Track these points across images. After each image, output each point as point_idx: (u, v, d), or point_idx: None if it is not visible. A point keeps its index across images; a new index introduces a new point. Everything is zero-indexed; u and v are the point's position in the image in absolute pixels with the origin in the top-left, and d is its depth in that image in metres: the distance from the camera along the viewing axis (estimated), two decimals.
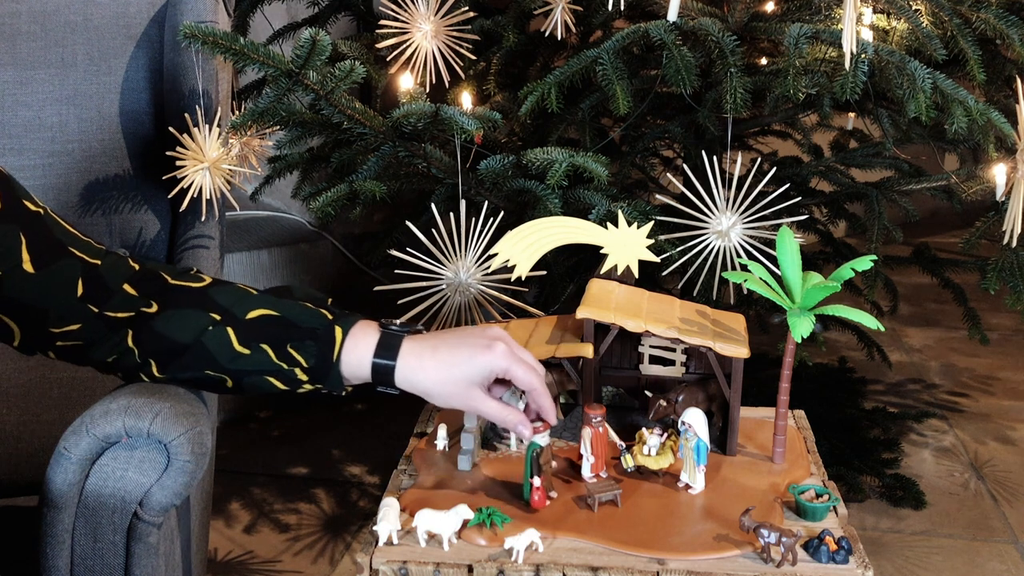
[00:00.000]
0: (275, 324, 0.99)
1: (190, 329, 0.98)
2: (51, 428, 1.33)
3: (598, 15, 1.73)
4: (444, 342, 1.01)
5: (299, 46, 1.29)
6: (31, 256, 0.92)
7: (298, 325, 0.99)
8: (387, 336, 1.01)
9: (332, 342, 0.99)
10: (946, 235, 3.06)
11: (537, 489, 1.05)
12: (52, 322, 0.96)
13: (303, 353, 0.99)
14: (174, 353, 0.99)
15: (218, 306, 0.99)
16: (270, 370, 0.99)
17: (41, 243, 0.94)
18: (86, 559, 1.00)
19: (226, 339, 0.98)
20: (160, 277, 1.01)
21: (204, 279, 1.03)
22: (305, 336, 0.99)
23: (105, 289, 0.97)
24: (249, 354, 0.98)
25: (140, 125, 1.42)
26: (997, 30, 1.46)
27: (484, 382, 1.01)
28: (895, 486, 2.06)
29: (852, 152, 2.04)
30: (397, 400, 1.19)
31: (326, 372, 0.99)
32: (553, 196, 1.45)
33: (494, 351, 1.00)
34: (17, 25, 1.40)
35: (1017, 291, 1.69)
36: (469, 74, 1.76)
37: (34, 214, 0.95)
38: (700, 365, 1.21)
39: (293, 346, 0.98)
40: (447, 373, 1.00)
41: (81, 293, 0.96)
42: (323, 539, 1.94)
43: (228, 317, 0.99)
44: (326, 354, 0.99)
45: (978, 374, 2.74)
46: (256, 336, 0.98)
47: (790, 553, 0.96)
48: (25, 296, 0.93)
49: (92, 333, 0.98)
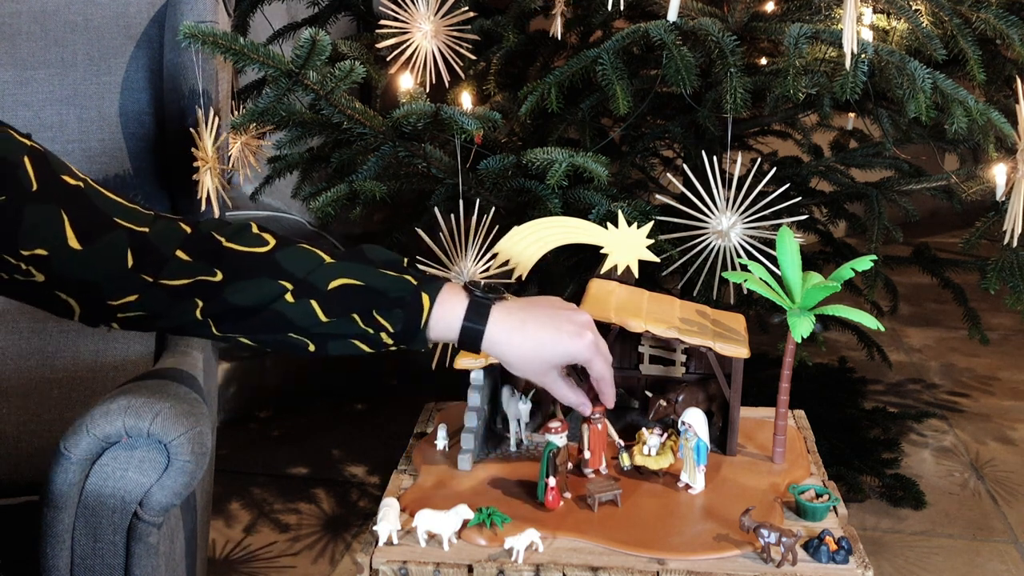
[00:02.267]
0: (360, 293, 0.98)
1: (265, 298, 0.96)
2: (51, 428, 1.33)
3: (598, 15, 1.73)
4: (534, 317, 1.02)
5: (299, 46, 1.29)
6: (76, 232, 0.91)
7: (385, 293, 0.98)
8: (476, 303, 1.01)
9: (420, 309, 0.99)
10: (946, 235, 3.06)
11: (552, 489, 1.05)
12: (108, 295, 0.94)
13: (391, 320, 0.98)
14: (244, 316, 0.96)
15: (291, 275, 0.96)
16: (356, 334, 0.99)
17: (85, 218, 0.92)
18: (86, 559, 1.00)
19: (310, 310, 0.96)
20: (213, 239, 0.97)
21: (268, 241, 0.99)
22: (393, 304, 0.98)
23: (158, 256, 0.94)
24: (335, 321, 0.97)
25: (140, 125, 1.42)
26: (997, 30, 1.46)
27: (564, 365, 1.04)
28: (895, 486, 2.06)
29: (852, 152, 2.03)
30: (397, 400, 1.19)
31: (413, 336, 1.00)
32: (553, 196, 1.45)
33: (583, 340, 1.02)
34: (17, 25, 1.40)
35: (1017, 291, 1.68)
36: (469, 74, 1.76)
37: (74, 188, 0.92)
38: (700, 365, 1.21)
39: (380, 313, 0.98)
40: (533, 352, 1.01)
41: (132, 264, 0.93)
42: (323, 539, 1.94)
43: (307, 287, 0.96)
44: (414, 320, 0.99)
45: (978, 374, 2.74)
46: (342, 307, 0.97)
47: (790, 553, 0.96)
48: (76, 273, 0.91)
49: (152, 303, 0.95)
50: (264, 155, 1.55)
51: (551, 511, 1.05)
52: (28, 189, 0.89)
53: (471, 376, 1.18)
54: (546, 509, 1.05)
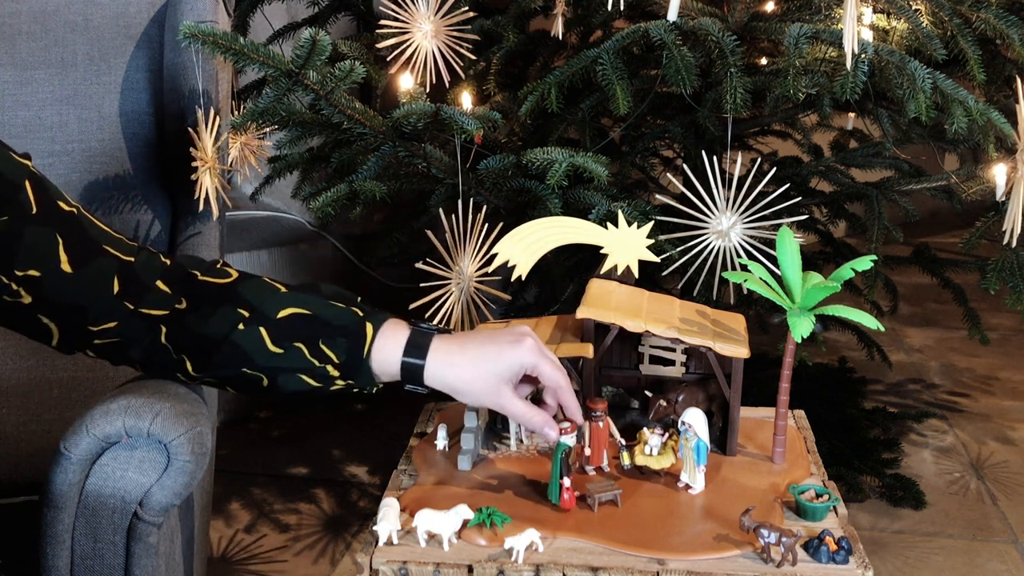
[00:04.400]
0: (307, 322, 1.00)
1: (222, 326, 0.98)
2: (51, 428, 1.33)
3: (598, 15, 1.73)
4: (473, 340, 1.02)
5: (299, 46, 1.29)
6: (68, 256, 0.94)
7: (330, 322, 1.00)
8: (417, 334, 1.01)
9: (363, 338, 0.99)
10: (946, 235, 3.06)
11: (567, 489, 1.05)
12: (91, 320, 0.97)
13: (334, 349, 0.99)
14: (207, 351, 0.99)
15: (246, 302, 0.99)
16: (303, 367, 0.99)
17: (77, 243, 0.95)
18: (86, 559, 1.00)
19: (259, 337, 0.98)
20: (190, 274, 1.01)
21: (231, 273, 1.03)
22: (336, 333, 0.99)
23: (141, 286, 0.98)
24: (283, 353, 0.99)
25: (140, 125, 1.42)
26: (997, 30, 1.46)
27: (513, 378, 1.02)
28: (895, 486, 2.06)
29: (852, 152, 2.03)
30: (397, 400, 1.19)
31: (357, 368, 1.00)
32: (553, 196, 1.45)
33: (523, 346, 1.01)
34: (17, 25, 1.40)
35: (1017, 291, 1.68)
36: (469, 74, 1.76)
37: (68, 214, 0.96)
38: (700, 365, 1.20)
39: (325, 343, 0.99)
40: (476, 370, 1.00)
41: (117, 290, 0.96)
42: (323, 539, 1.94)
43: (258, 315, 0.99)
44: (357, 350, 0.99)
45: (978, 374, 2.74)
46: (289, 335, 0.99)
47: (790, 553, 0.96)
48: (65, 296, 0.94)
49: (129, 331, 0.98)
50: (264, 155, 1.55)
51: (556, 512, 1.05)
52: (29, 212, 0.92)
53: None
54: (560, 509, 1.05)
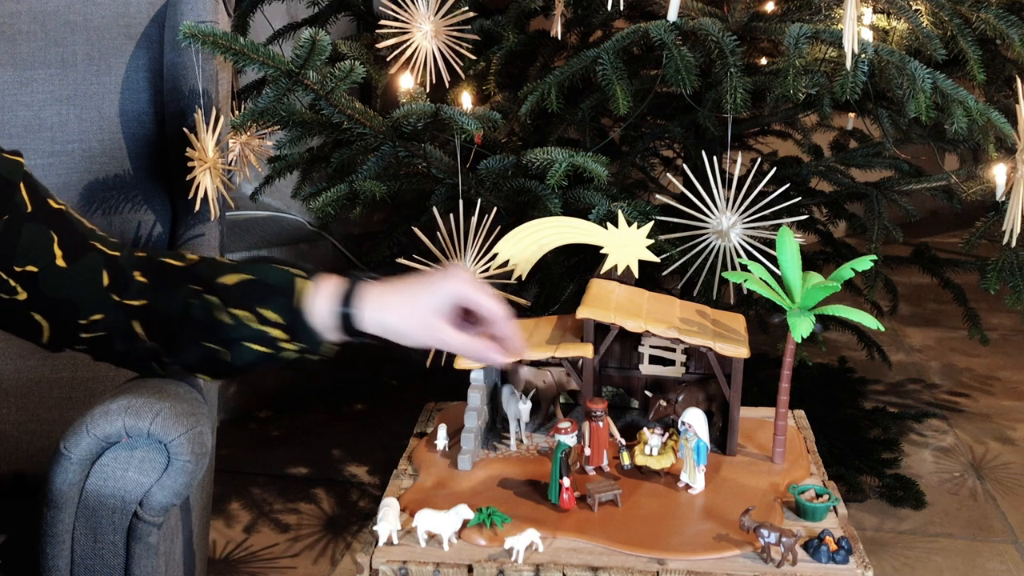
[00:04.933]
0: (248, 286, 1.00)
1: (179, 302, 1.00)
2: (51, 428, 1.33)
3: (598, 15, 1.73)
4: (405, 282, 1.01)
5: (299, 46, 1.29)
6: (62, 251, 0.97)
7: (269, 284, 1.00)
8: (349, 283, 1.00)
9: (295, 292, 0.99)
10: (946, 235, 3.06)
11: (567, 489, 1.05)
12: (81, 314, 0.99)
13: (273, 309, 0.99)
14: (172, 331, 1.00)
15: (197, 277, 1.01)
16: (252, 335, 0.99)
17: (69, 238, 0.98)
18: (86, 559, 1.00)
19: (209, 308, 0.99)
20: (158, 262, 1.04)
21: (192, 258, 1.05)
22: (273, 293, 0.99)
23: (125, 277, 1.01)
24: (233, 324, 0.99)
25: (140, 125, 1.42)
26: (997, 30, 1.46)
27: (448, 311, 0.99)
28: (895, 486, 2.06)
29: (852, 152, 2.03)
30: (397, 400, 1.18)
31: (299, 327, 0.99)
32: (553, 196, 1.45)
33: (455, 278, 0.99)
34: (17, 25, 1.40)
35: (1017, 291, 1.68)
36: (469, 74, 1.75)
37: (58, 211, 0.99)
38: (700, 365, 1.21)
39: (262, 304, 0.99)
40: (410, 305, 0.98)
41: (107, 283, 0.99)
42: (323, 539, 1.93)
43: (209, 287, 1.00)
44: (291, 306, 0.98)
45: (978, 374, 2.74)
46: (235, 302, 0.99)
47: (790, 553, 0.96)
48: (60, 291, 0.97)
49: (114, 322, 1.00)
50: (264, 155, 1.55)
51: (556, 512, 1.05)
52: (24, 210, 0.96)
53: (471, 376, 1.18)
54: (560, 509, 1.05)
